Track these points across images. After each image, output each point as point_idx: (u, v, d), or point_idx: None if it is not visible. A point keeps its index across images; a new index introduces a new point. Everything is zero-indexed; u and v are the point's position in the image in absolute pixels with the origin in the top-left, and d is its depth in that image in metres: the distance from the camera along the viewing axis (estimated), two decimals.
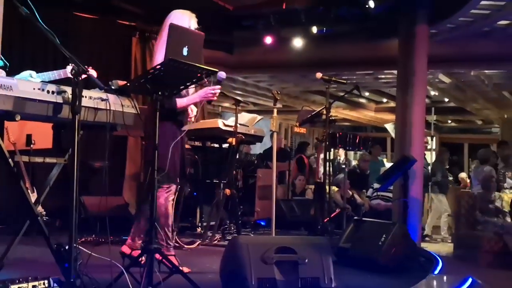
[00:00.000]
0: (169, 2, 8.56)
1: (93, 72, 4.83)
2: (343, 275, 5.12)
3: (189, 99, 5.16)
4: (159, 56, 4.80)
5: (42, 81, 4.00)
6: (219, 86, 5.20)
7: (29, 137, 6.73)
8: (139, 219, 5.27)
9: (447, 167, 12.79)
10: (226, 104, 16.00)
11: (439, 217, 11.72)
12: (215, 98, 5.22)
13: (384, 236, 5.99)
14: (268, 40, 10.90)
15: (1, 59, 4.15)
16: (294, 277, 4.39)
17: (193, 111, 5.41)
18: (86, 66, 4.70)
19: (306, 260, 4.45)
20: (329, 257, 4.71)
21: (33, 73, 4.08)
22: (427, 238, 11.14)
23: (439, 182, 11.65)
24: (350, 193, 11.06)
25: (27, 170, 6.60)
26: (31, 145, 6.71)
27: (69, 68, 4.56)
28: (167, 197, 5.12)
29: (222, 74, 5.31)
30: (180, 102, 5.06)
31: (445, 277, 6.02)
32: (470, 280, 5.47)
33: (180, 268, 4.78)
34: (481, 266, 8.81)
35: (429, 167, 11.72)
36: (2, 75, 3.62)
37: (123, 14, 9.37)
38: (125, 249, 5.16)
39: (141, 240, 5.17)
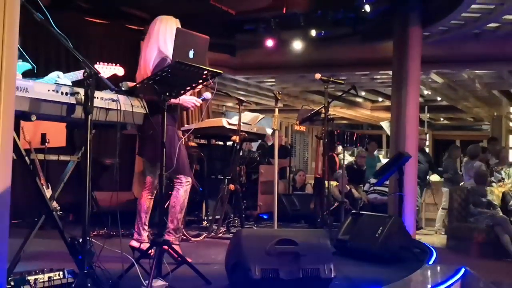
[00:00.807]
0: (174, 8, 8.63)
1: (120, 69, 4.85)
2: (342, 265, 5.13)
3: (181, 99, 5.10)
4: (151, 53, 5.00)
5: (63, 83, 3.99)
6: (200, 100, 5.36)
7: (43, 136, 6.72)
8: (140, 213, 5.27)
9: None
10: (230, 104, 16.01)
11: None
12: (192, 109, 5.44)
13: (381, 228, 6.00)
14: (269, 42, 10.90)
15: (29, 62, 4.16)
16: (296, 267, 4.38)
17: None
18: (112, 64, 4.73)
19: (307, 252, 4.45)
20: (329, 249, 4.72)
21: (60, 73, 4.08)
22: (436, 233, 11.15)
23: (451, 178, 11.60)
24: (348, 187, 11.07)
25: (42, 167, 6.60)
26: (46, 144, 6.71)
27: (96, 66, 4.58)
28: (186, 190, 5.16)
29: (207, 95, 5.56)
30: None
31: (439, 267, 6.01)
32: (463, 270, 5.47)
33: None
34: (474, 256, 8.84)
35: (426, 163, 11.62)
36: (19, 78, 3.62)
37: (132, 19, 9.39)
38: (134, 243, 5.19)
39: (147, 232, 5.21)
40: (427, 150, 14.69)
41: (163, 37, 5.06)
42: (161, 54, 5.00)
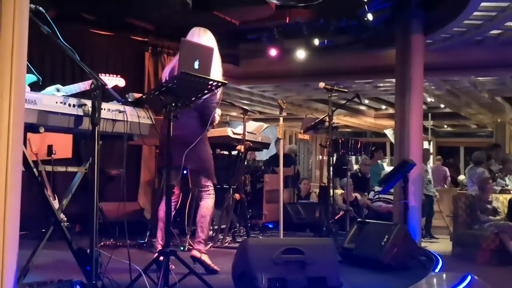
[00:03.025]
0: (178, 19, 8.67)
1: (121, 81, 4.89)
2: (348, 274, 5.12)
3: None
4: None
5: (64, 95, 4.03)
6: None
7: (50, 148, 6.77)
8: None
9: None
10: (234, 113, 16.03)
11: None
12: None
13: (386, 236, 6.00)
14: (273, 52, 10.93)
15: (34, 74, 4.18)
16: (302, 276, 4.40)
17: None
18: (114, 75, 4.77)
19: (313, 260, 4.46)
20: (335, 257, 4.73)
21: (59, 86, 4.12)
22: None
23: None
24: (354, 195, 11.07)
25: (48, 178, 6.63)
26: (52, 155, 6.75)
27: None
28: (213, 199, 5.29)
29: None
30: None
31: (445, 275, 6.02)
32: (469, 277, 5.47)
33: (212, 266, 4.99)
34: (479, 263, 8.81)
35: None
36: (26, 90, 3.65)
37: (136, 31, 9.43)
38: (195, 253, 5.20)
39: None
40: (430, 158, 14.68)
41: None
42: None
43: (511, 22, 9.14)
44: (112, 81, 4.81)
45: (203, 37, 5.25)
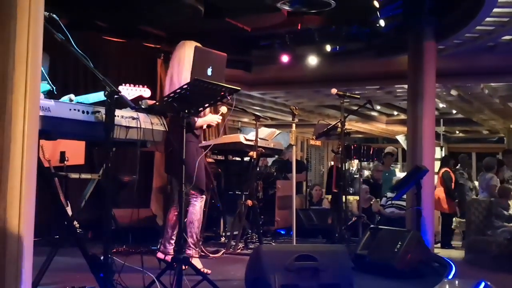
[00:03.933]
0: (191, 26, 8.69)
1: (147, 91, 4.89)
2: (362, 280, 5.10)
3: (205, 120, 5.49)
4: (178, 77, 5.19)
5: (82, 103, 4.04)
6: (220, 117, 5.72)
7: (62, 154, 6.78)
8: (167, 228, 5.47)
9: None
10: (245, 119, 16.03)
11: None
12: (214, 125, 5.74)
13: (399, 243, 5.96)
14: (284, 58, 10.92)
15: (49, 84, 4.19)
16: (316, 283, 4.38)
17: None
18: (142, 86, 4.79)
19: (327, 267, 4.44)
20: (348, 264, 4.70)
21: (72, 96, 4.12)
22: None
23: None
24: (371, 202, 11.03)
25: (61, 185, 6.64)
26: (65, 162, 6.76)
27: (121, 87, 4.62)
28: (201, 206, 5.32)
29: (223, 109, 6.06)
30: (198, 122, 5.34)
31: (458, 282, 5.98)
32: (483, 284, 5.43)
33: (203, 270, 4.96)
34: (492, 270, 8.73)
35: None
36: (41, 97, 3.65)
37: (149, 37, 9.46)
38: (160, 255, 5.41)
39: (172, 245, 5.38)
40: None
41: (187, 63, 5.13)
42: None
43: None
44: (136, 91, 4.81)
45: (179, 49, 5.37)
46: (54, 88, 4.22)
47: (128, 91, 4.68)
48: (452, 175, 11.26)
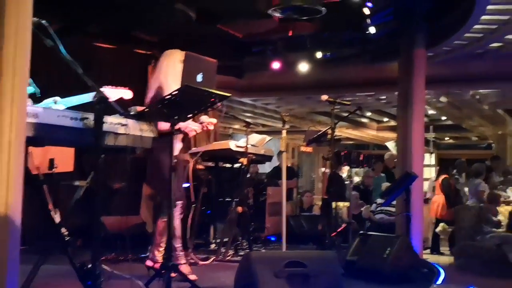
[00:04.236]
0: (182, 32, 8.67)
1: (128, 93, 4.86)
2: (352, 286, 5.09)
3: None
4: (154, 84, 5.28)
5: (68, 107, 4.01)
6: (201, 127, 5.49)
7: (51, 161, 6.71)
8: (155, 235, 5.50)
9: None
10: (236, 126, 16.01)
11: None
12: (191, 135, 5.54)
13: (389, 248, 5.96)
14: (276, 65, 10.91)
15: (33, 86, 4.15)
16: None
17: None
18: (121, 87, 4.75)
19: (316, 273, 4.42)
20: (338, 270, 4.68)
21: (57, 98, 4.09)
22: None
23: None
24: (363, 208, 11.03)
25: (50, 192, 6.58)
26: (54, 169, 6.69)
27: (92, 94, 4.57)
28: (177, 215, 5.27)
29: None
30: (162, 125, 5.01)
31: (447, 287, 5.96)
32: None
33: (189, 276, 4.98)
34: (481, 275, 8.74)
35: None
36: (29, 103, 3.62)
37: (141, 44, 9.42)
38: (149, 262, 5.41)
39: (160, 253, 5.35)
40: (432, 170, 14.63)
41: (164, 71, 5.27)
42: (160, 89, 5.16)
43: None
44: (118, 93, 4.76)
45: (161, 59, 5.42)
46: (39, 90, 4.18)
47: (110, 93, 4.63)
48: (451, 182, 11.26)
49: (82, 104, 4.39)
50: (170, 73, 5.17)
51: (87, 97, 4.78)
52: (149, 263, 5.40)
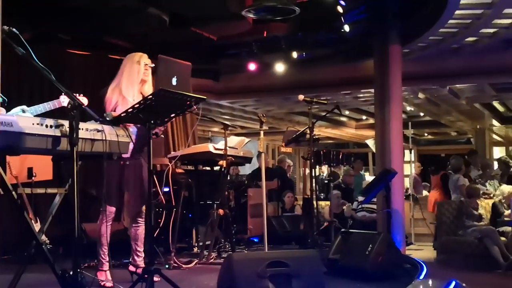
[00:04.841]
0: (156, 36, 8.67)
1: (84, 100, 4.86)
2: (334, 285, 5.13)
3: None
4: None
5: (36, 115, 4.02)
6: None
7: (30, 170, 6.69)
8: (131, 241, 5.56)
9: None
10: (215, 129, 16.01)
11: None
12: None
13: (370, 245, 6.00)
14: (252, 66, 10.96)
15: (0, 96, 4.15)
16: None
17: None
18: (76, 94, 4.74)
19: (299, 272, 4.44)
20: (320, 269, 4.72)
21: (25, 107, 4.10)
22: None
23: None
24: (344, 207, 11.10)
25: (30, 201, 6.56)
26: (33, 178, 6.67)
27: (62, 97, 4.58)
28: (101, 219, 5.30)
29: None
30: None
31: (430, 282, 6.02)
32: (453, 283, 5.48)
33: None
34: (464, 269, 8.84)
35: None
36: (2, 112, 3.62)
37: (114, 49, 9.38)
38: (131, 268, 5.46)
39: (140, 258, 5.45)
40: (412, 166, 14.73)
41: (120, 72, 5.35)
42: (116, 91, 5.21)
43: (487, 29, 9.22)
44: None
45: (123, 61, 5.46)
46: (6, 100, 4.17)
47: (66, 100, 4.64)
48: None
49: (52, 111, 4.40)
50: (126, 72, 5.27)
51: (53, 104, 4.80)
52: (131, 268, 5.45)
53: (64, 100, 4.53)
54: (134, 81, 5.20)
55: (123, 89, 5.14)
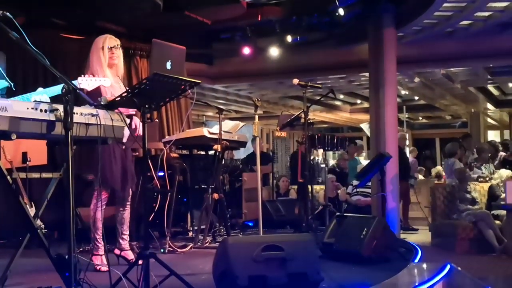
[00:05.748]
0: (149, 21, 8.64)
1: (107, 80, 4.85)
2: (329, 268, 5.14)
3: None
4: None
5: (50, 97, 4.03)
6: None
7: (24, 155, 6.70)
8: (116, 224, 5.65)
9: None
10: (210, 113, 16.02)
11: None
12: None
13: (365, 229, 6.02)
14: (246, 50, 10.94)
15: (6, 80, 4.14)
16: (283, 273, 4.40)
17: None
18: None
19: (294, 256, 4.47)
20: (315, 252, 4.74)
21: (41, 89, 4.11)
22: None
23: None
24: (339, 190, 11.14)
25: (24, 186, 6.56)
26: (27, 162, 6.68)
27: (80, 79, 4.58)
28: (95, 203, 5.33)
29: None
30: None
31: (424, 265, 6.06)
32: (448, 266, 5.52)
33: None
34: (458, 252, 8.91)
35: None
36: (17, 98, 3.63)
37: (108, 33, 9.32)
38: (116, 251, 5.58)
39: (125, 241, 5.57)
40: (407, 149, 14.77)
41: (89, 62, 5.42)
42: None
43: (481, 12, 9.23)
44: (96, 82, 4.73)
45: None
46: (13, 84, 4.17)
47: (88, 82, 4.62)
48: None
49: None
50: (93, 59, 5.39)
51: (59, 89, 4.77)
52: (116, 251, 5.57)
53: (81, 82, 4.51)
54: (102, 66, 5.32)
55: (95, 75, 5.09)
